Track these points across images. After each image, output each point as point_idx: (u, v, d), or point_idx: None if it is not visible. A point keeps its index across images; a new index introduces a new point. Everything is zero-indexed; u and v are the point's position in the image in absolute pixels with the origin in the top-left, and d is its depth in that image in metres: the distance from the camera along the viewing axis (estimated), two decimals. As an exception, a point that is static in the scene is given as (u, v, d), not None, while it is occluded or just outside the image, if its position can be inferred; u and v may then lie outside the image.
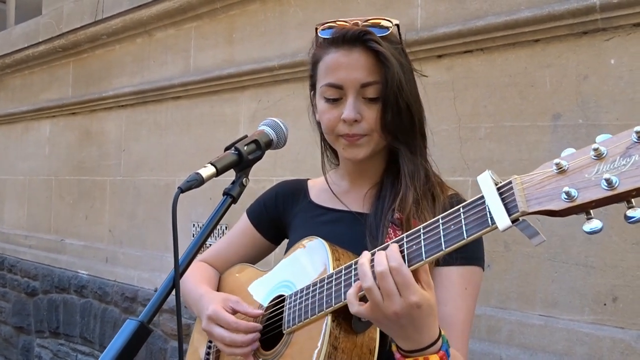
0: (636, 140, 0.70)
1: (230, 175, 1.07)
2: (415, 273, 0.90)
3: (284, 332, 1.12)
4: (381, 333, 1.05)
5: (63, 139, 4.71)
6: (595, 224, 0.73)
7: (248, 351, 1.14)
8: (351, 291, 0.93)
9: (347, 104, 1.13)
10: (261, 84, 3.08)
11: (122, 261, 3.91)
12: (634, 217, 0.70)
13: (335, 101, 1.15)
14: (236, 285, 1.33)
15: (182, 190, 0.94)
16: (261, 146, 1.08)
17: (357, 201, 1.22)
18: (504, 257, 2.08)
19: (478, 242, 1.14)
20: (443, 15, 2.29)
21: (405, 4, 2.42)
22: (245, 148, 1.05)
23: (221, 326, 1.16)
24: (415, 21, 2.38)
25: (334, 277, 1.02)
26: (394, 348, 0.95)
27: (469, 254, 1.12)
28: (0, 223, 5.46)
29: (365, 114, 1.13)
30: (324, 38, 1.17)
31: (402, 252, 0.90)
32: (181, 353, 0.98)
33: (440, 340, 0.93)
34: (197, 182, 0.95)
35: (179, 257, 0.94)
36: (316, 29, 1.19)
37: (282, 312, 1.14)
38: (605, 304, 1.85)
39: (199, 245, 1.00)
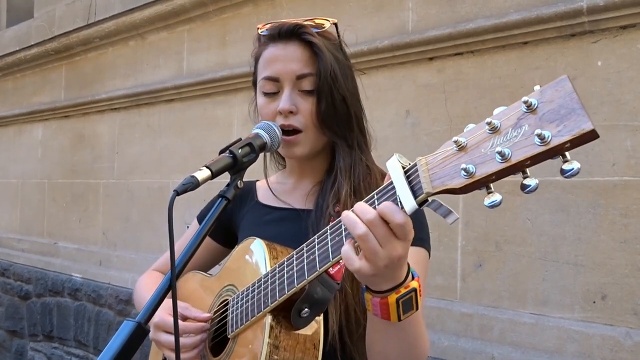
0: (525, 110, 0.70)
1: (224, 176, 1.08)
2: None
3: (228, 336, 1.13)
4: (324, 326, 1.05)
5: (56, 142, 4.70)
6: (495, 197, 0.72)
7: (195, 354, 1.14)
8: (347, 247, 0.86)
9: (282, 96, 1.16)
10: (253, 81, 3.09)
11: (116, 264, 3.91)
12: (529, 186, 0.70)
13: (273, 95, 1.18)
14: (188, 293, 1.33)
15: (177, 193, 0.95)
16: (255, 149, 1.09)
17: (301, 199, 1.24)
18: (495, 256, 2.11)
19: (419, 222, 1.13)
20: (434, 18, 2.31)
21: (397, 7, 2.45)
22: (240, 151, 1.06)
23: (167, 332, 1.15)
24: (406, 24, 2.41)
25: (269, 275, 1.03)
26: (368, 299, 0.90)
27: None
28: (-7, 227, 5.44)
29: (300, 106, 1.16)
30: (263, 35, 1.21)
31: (324, 244, 0.91)
32: (178, 355, 0.99)
33: (408, 266, 0.91)
34: (192, 185, 0.97)
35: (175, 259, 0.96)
36: (258, 28, 1.23)
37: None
38: (594, 302, 1.88)
39: (195, 247, 1.02)
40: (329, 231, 0.92)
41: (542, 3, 2.00)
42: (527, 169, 0.70)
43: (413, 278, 0.91)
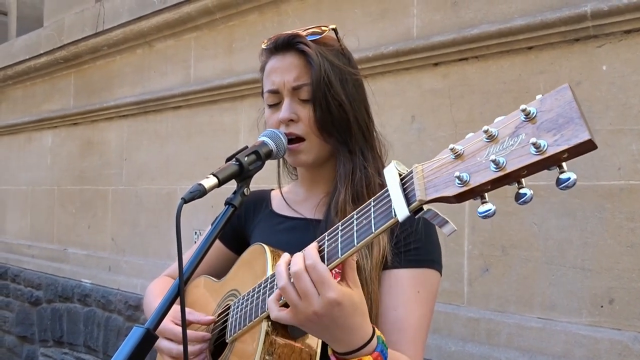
0: (524, 119, 0.68)
1: (232, 183, 1.10)
2: (342, 271, 0.89)
3: (227, 340, 1.13)
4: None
5: (65, 149, 4.75)
6: (487, 206, 0.71)
7: None
8: (272, 297, 0.93)
9: (283, 106, 1.18)
10: (261, 93, 3.11)
11: (124, 269, 3.93)
12: (525, 195, 0.68)
13: (276, 106, 1.20)
14: (195, 298, 1.34)
15: (185, 201, 0.96)
16: (261, 157, 1.10)
17: (312, 208, 1.25)
18: (501, 261, 2.11)
19: (431, 243, 1.14)
20: (438, 24, 2.33)
21: (401, 13, 2.46)
22: (246, 159, 1.07)
23: (169, 339, 1.16)
24: (411, 30, 2.42)
25: (269, 281, 1.03)
26: (329, 351, 0.94)
27: (421, 257, 1.12)
28: (3, 233, 5.49)
29: (300, 114, 1.17)
30: (264, 50, 1.24)
31: (322, 251, 0.90)
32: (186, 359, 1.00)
33: (375, 340, 0.91)
34: (199, 192, 0.98)
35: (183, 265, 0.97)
36: (262, 43, 1.25)
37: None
38: (602, 306, 1.88)
39: (203, 254, 1.03)
40: (326, 237, 0.92)
41: (546, 8, 2.01)
42: (523, 179, 0.69)
43: (374, 351, 0.90)
